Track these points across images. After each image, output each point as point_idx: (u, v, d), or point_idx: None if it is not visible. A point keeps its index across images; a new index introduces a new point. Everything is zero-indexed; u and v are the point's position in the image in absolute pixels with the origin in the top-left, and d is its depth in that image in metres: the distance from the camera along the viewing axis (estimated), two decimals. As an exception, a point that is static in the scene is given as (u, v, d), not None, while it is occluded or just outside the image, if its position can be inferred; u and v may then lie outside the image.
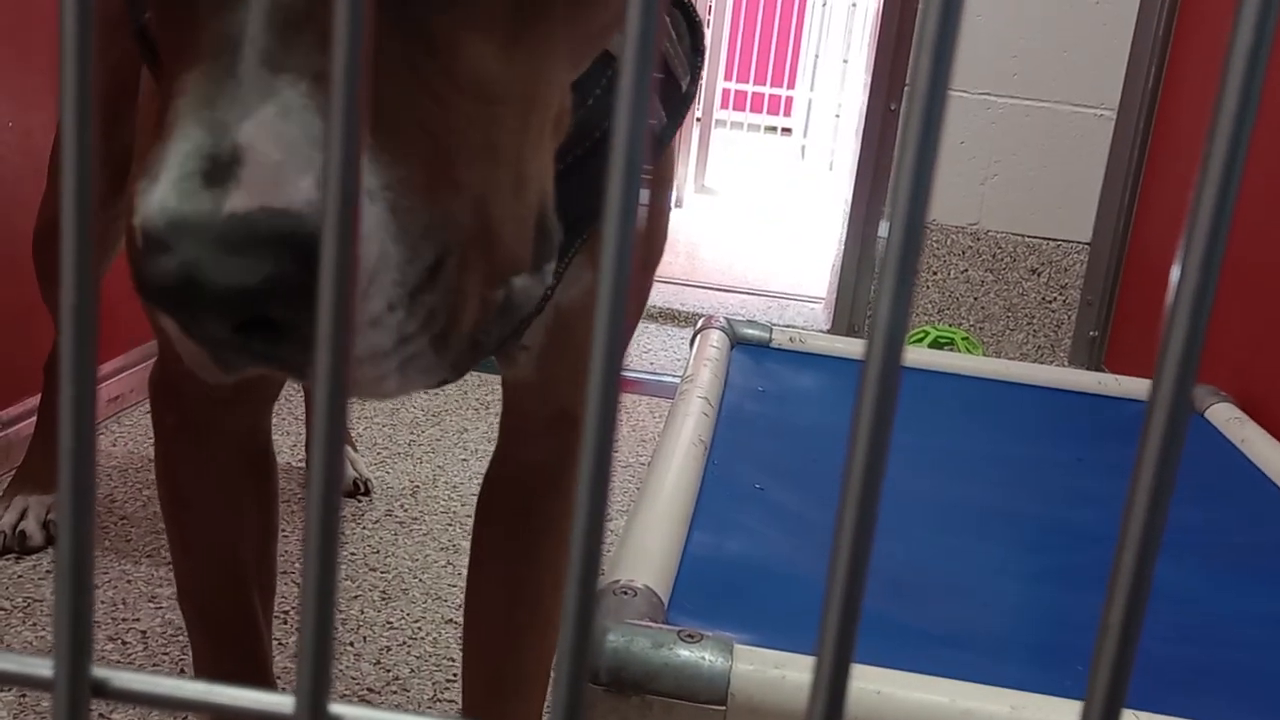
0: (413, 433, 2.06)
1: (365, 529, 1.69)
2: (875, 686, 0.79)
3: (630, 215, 0.22)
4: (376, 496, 1.79)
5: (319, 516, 0.23)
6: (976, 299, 2.67)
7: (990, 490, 1.35)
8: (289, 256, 0.38)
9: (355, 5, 0.21)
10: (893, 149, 2.62)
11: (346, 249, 0.22)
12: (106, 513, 1.64)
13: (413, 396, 2.17)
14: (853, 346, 1.80)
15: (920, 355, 1.82)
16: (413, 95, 0.42)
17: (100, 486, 1.70)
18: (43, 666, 0.26)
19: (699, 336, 1.71)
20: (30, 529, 1.51)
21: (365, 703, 0.83)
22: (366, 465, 1.88)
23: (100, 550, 1.53)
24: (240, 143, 0.38)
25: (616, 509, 1.68)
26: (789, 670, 0.79)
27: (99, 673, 0.25)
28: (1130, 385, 1.77)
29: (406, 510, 1.76)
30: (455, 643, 1.41)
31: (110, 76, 1.03)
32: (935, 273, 2.66)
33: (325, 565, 0.24)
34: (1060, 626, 1.02)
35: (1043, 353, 2.68)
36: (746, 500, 1.19)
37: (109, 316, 1.50)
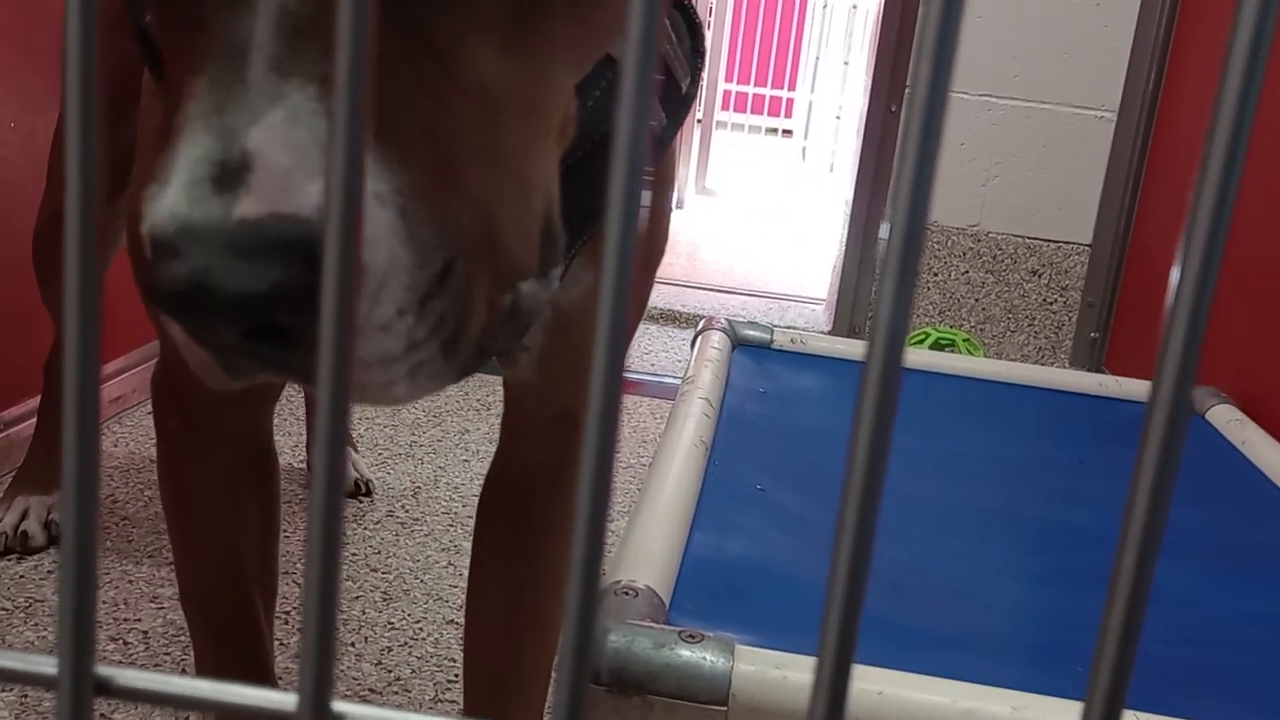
0: (414, 434, 2.06)
1: (367, 530, 1.69)
2: (876, 687, 0.79)
3: (632, 217, 0.22)
4: (378, 497, 1.79)
5: (321, 518, 0.23)
6: (977, 300, 2.67)
7: (991, 491, 1.35)
8: (298, 262, 0.38)
9: (359, 10, 0.21)
10: (893, 151, 2.62)
11: (349, 248, 0.22)
12: (108, 513, 1.64)
13: (414, 397, 2.16)
14: (854, 348, 1.80)
15: (921, 357, 1.82)
16: (419, 100, 0.42)
17: (102, 487, 1.70)
18: (47, 665, 0.26)
19: (700, 338, 1.71)
20: (32, 529, 1.51)
21: (367, 703, 0.83)
22: (368, 466, 1.88)
23: (102, 550, 1.53)
24: (249, 148, 0.38)
25: (618, 510, 1.68)
26: (790, 671, 0.79)
27: (102, 671, 0.25)
28: (1131, 387, 1.77)
29: (408, 511, 1.76)
30: (456, 643, 1.41)
31: (111, 77, 1.03)
32: (936, 274, 2.66)
33: (328, 566, 0.24)
34: (1061, 627, 1.02)
35: (1043, 354, 2.68)
36: (747, 501, 1.19)
37: (110, 317, 1.49)
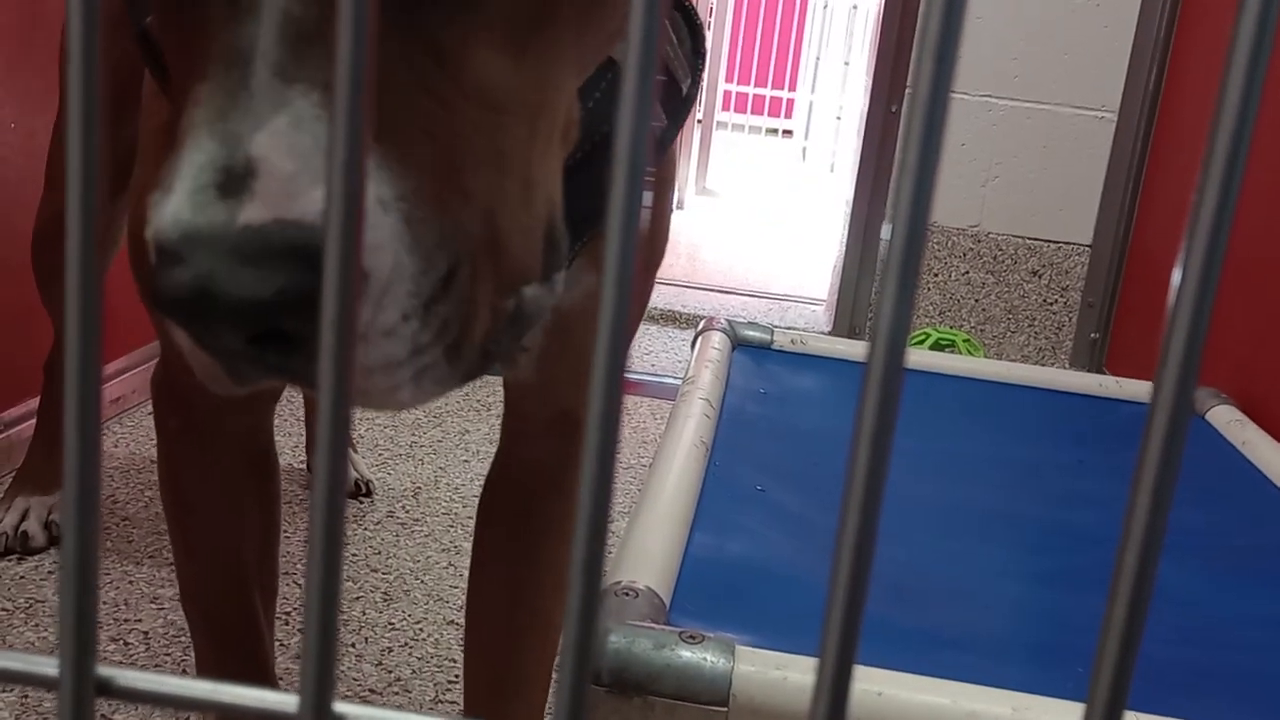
0: (414, 434, 2.06)
1: (367, 530, 1.69)
2: (877, 688, 0.79)
3: (633, 218, 0.22)
4: (378, 498, 1.79)
5: (323, 520, 0.23)
6: (978, 301, 2.67)
7: (992, 492, 1.35)
8: (302, 268, 0.38)
9: (359, 15, 0.21)
10: (894, 151, 2.62)
11: (349, 253, 0.22)
12: (108, 514, 1.64)
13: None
14: (854, 348, 1.80)
15: (922, 357, 1.82)
16: (423, 104, 0.42)
17: (102, 487, 1.70)
18: (48, 665, 0.26)
19: (700, 338, 1.71)
20: (32, 530, 1.51)
21: (367, 704, 0.83)
22: (368, 467, 1.88)
23: (102, 551, 1.53)
24: (253, 154, 0.38)
25: (618, 510, 1.68)
26: (791, 671, 0.79)
27: (104, 672, 0.25)
28: (1131, 387, 1.77)
29: (408, 511, 1.76)
30: (457, 644, 1.41)
31: (111, 77, 1.03)
32: (936, 275, 2.66)
33: (329, 567, 0.24)
34: (1062, 628, 1.02)
35: (1044, 355, 2.68)
36: (748, 502, 1.19)
37: (110, 317, 1.49)
